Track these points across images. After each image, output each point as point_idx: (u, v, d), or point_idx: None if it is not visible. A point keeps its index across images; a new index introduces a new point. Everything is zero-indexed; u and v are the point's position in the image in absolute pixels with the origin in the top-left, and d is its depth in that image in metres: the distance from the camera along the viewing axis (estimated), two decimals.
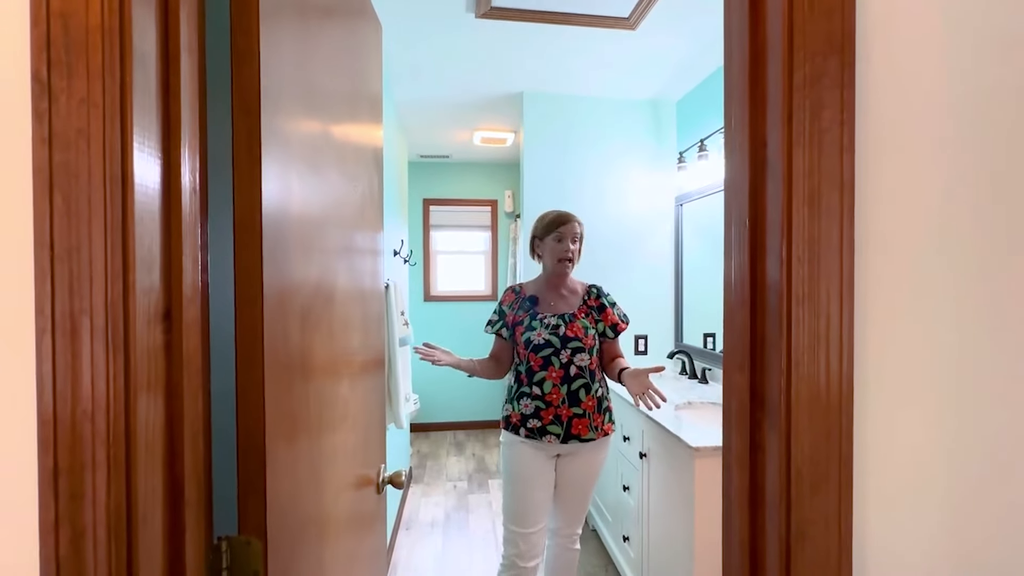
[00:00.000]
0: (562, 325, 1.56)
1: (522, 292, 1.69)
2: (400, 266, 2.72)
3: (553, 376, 1.53)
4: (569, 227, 1.60)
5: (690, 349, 2.48)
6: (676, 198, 2.64)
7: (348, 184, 0.89)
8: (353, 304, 0.90)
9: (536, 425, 1.52)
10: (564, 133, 2.59)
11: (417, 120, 3.06)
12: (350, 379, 0.88)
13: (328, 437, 0.77)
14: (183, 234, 0.46)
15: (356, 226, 0.95)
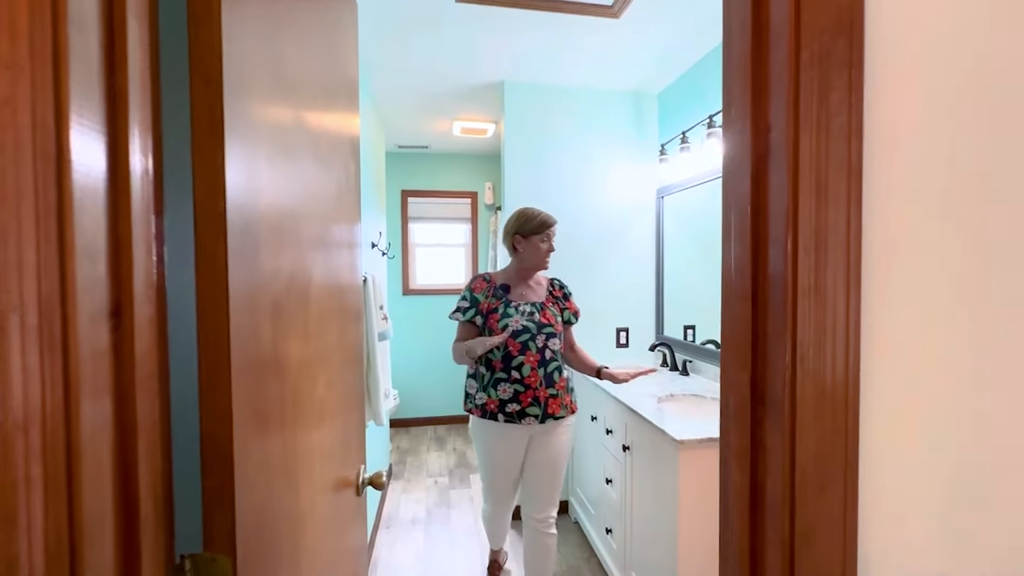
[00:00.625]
0: (536, 312, 1.67)
1: (492, 281, 1.74)
2: (378, 259, 2.65)
3: (531, 360, 1.61)
4: (554, 229, 1.72)
5: (671, 341, 2.49)
6: (657, 190, 2.64)
7: (324, 173, 0.84)
8: (330, 299, 0.85)
9: (515, 409, 1.60)
10: (546, 124, 2.55)
11: (395, 109, 2.98)
12: (327, 378, 0.83)
13: (304, 440, 0.73)
14: (133, 221, 0.41)
15: (332, 217, 0.90)
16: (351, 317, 1.02)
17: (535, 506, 1.71)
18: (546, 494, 1.71)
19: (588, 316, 2.61)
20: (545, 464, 1.68)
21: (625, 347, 2.67)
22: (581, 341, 2.58)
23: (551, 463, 1.69)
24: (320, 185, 0.82)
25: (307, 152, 0.76)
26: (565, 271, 2.57)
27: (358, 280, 1.10)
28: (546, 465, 1.68)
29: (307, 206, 0.76)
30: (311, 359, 0.76)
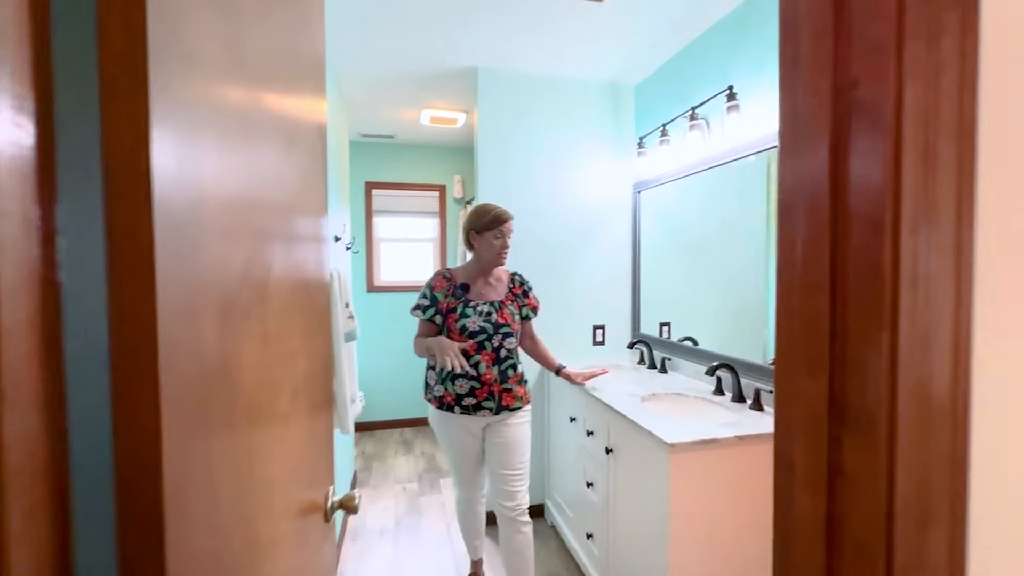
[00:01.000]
0: (493, 312, 1.71)
1: (453, 279, 1.76)
2: (342, 254, 2.47)
3: (487, 359, 1.68)
4: (508, 225, 1.73)
5: (649, 339, 2.45)
6: (634, 185, 2.59)
7: (288, 160, 0.71)
8: (294, 296, 0.72)
9: (472, 403, 1.68)
10: (521, 114, 2.45)
11: (359, 95, 2.79)
12: (291, 388, 0.70)
13: (263, 465, 0.59)
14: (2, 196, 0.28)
15: (297, 208, 0.76)
16: (319, 317, 0.88)
17: (502, 493, 1.74)
18: (510, 480, 1.73)
19: (564, 313, 2.54)
20: (503, 450, 1.72)
21: (601, 345, 2.62)
22: (558, 339, 2.53)
23: (509, 449, 1.72)
24: (283, 173, 0.69)
25: (268, 136, 0.63)
26: (541, 266, 2.49)
27: (325, 276, 0.96)
28: (504, 451, 1.72)
29: (268, 194, 0.63)
30: (272, 366, 0.62)
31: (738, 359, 1.82)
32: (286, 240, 0.70)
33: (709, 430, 1.43)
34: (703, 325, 2.19)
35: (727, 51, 1.86)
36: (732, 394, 1.75)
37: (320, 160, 0.97)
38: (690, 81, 2.10)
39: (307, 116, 0.86)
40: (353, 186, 3.77)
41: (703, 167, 2.01)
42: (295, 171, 0.76)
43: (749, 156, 1.79)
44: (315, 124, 0.93)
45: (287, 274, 0.69)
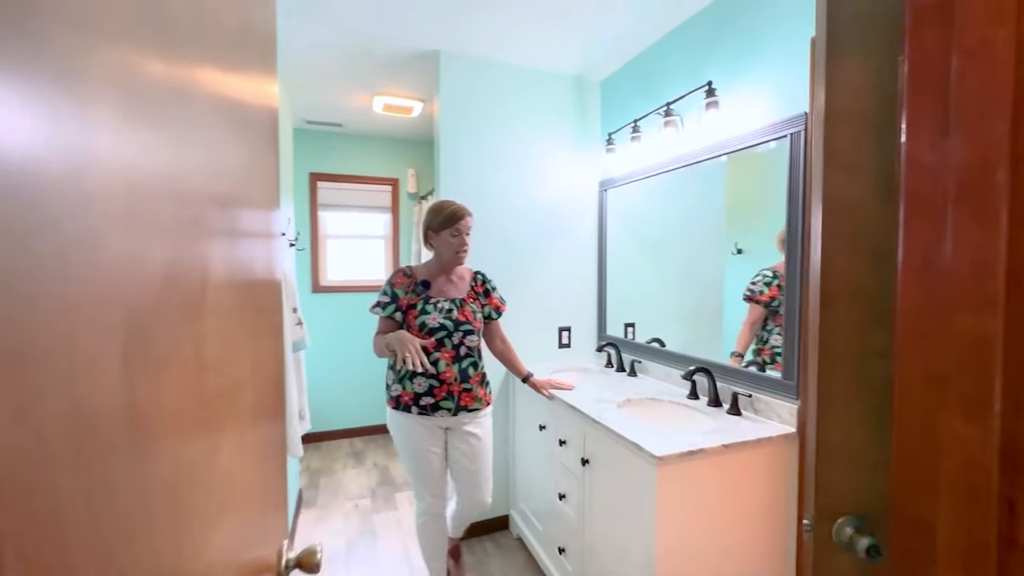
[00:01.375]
0: (454, 309, 1.68)
1: (413, 276, 1.72)
2: (286, 251, 2.22)
3: (447, 356, 1.64)
4: (465, 223, 1.68)
5: (617, 341, 2.39)
6: (600, 183, 2.53)
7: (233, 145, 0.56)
8: (240, 310, 0.55)
9: (429, 402, 1.63)
10: (485, 104, 2.31)
11: (302, 76, 2.53)
12: (237, 435, 0.53)
13: (191, 539, 0.43)
14: None
15: (245, 199, 0.60)
16: (271, 333, 0.71)
17: (466, 497, 1.78)
18: (474, 484, 1.76)
19: (529, 315, 2.43)
20: (467, 455, 1.73)
21: (567, 347, 2.53)
22: (523, 341, 2.41)
23: (473, 453, 1.73)
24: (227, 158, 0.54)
25: (207, 116, 0.48)
26: (505, 266, 2.36)
27: (276, 279, 0.79)
28: (468, 456, 1.73)
29: (205, 181, 0.46)
30: (209, 406, 0.46)
31: (714, 362, 1.78)
32: (230, 236, 0.53)
33: (694, 440, 1.37)
34: (668, 326, 2.16)
35: (703, 47, 1.82)
36: (708, 398, 1.71)
37: (271, 147, 0.81)
38: (662, 77, 2.05)
39: (256, 98, 0.70)
40: (296, 177, 3.46)
41: (673, 166, 1.97)
42: (241, 157, 0.60)
43: (721, 156, 1.76)
44: (265, 107, 0.77)
45: (231, 279, 0.52)
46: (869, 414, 0.81)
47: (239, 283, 0.55)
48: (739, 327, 1.74)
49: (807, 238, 1.41)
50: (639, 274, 2.34)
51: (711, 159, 1.79)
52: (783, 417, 1.49)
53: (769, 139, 1.55)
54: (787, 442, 1.46)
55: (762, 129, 1.56)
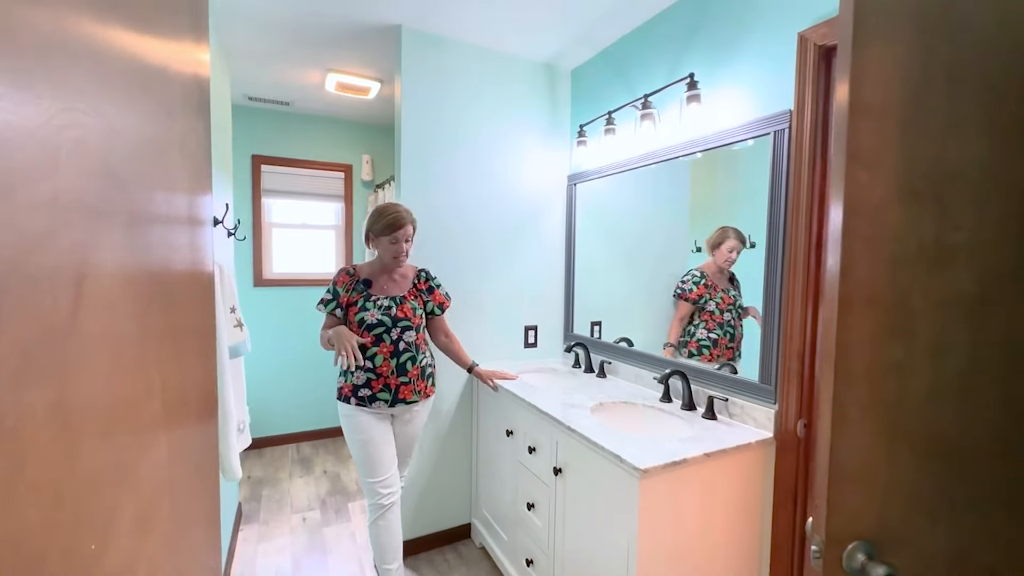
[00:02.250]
0: (393, 307, 1.75)
1: (356, 274, 1.80)
2: (223, 241, 1.98)
3: (384, 351, 1.72)
4: (404, 231, 1.74)
5: (586, 341, 2.32)
6: (569, 177, 2.44)
7: (139, 115, 0.40)
8: (142, 307, 0.40)
9: (367, 394, 1.72)
10: (449, 87, 2.15)
11: (244, 45, 2.27)
12: (136, 444, 0.37)
13: None
14: None
15: (151, 179, 0.44)
16: (191, 333, 0.55)
17: (396, 476, 1.83)
18: (401, 462, 1.90)
19: (494, 313, 2.32)
20: (402, 438, 1.86)
21: (534, 347, 2.44)
22: (488, 340, 2.29)
23: (408, 438, 1.88)
24: (130, 128, 0.38)
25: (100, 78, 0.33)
26: (469, 261, 2.23)
27: (203, 272, 0.62)
28: (403, 439, 1.86)
29: (83, 153, 0.31)
30: (80, 419, 0.31)
31: (689, 364, 1.74)
32: (128, 221, 0.37)
33: (674, 449, 1.31)
34: (636, 325, 2.11)
35: (682, 39, 1.76)
36: (682, 402, 1.67)
37: (197, 122, 0.64)
38: (638, 68, 1.97)
39: (178, 64, 0.54)
40: (236, 159, 3.14)
41: (647, 161, 1.91)
42: (149, 130, 0.44)
43: (697, 153, 1.71)
44: (191, 76, 0.62)
45: (127, 271, 0.37)
46: (883, 431, 0.76)
47: (141, 276, 0.40)
48: None
49: (792, 238, 1.38)
50: (607, 272, 2.28)
51: (686, 155, 1.74)
52: (759, 421, 1.46)
53: (750, 136, 1.50)
54: (764, 447, 1.43)
55: (744, 126, 1.51)
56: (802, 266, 1.36)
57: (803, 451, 1.39)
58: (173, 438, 0.45)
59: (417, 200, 2.10)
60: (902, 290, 0.74)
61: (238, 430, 1.38)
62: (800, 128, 1.35)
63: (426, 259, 2.12)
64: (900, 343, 0.74)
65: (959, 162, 0.76)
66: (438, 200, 2.15)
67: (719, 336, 1.67)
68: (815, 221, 1.35)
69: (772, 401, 1.44)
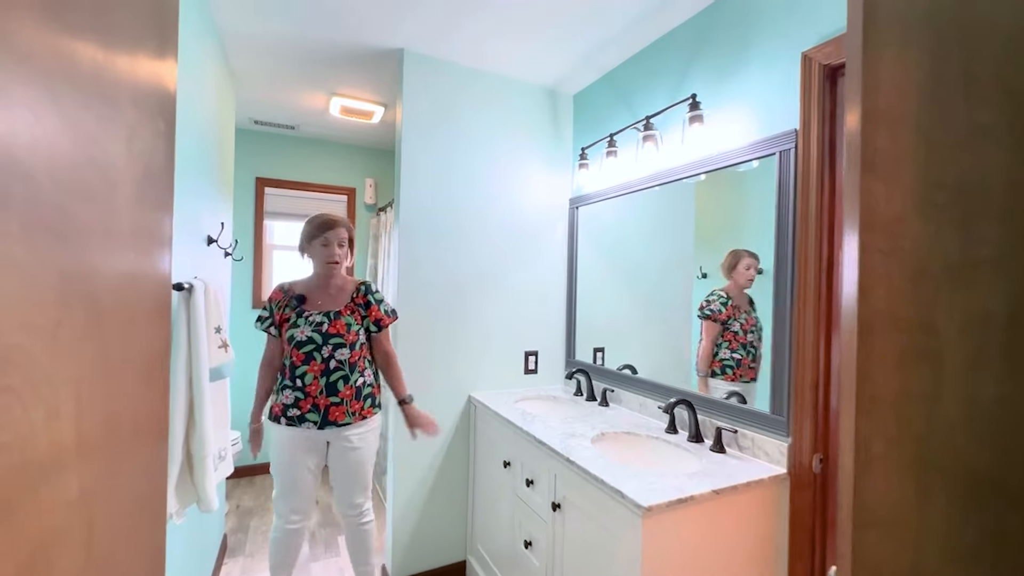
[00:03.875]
0: (326, 322, 1.67)
1: (291, 291, 1.74)
2: (218, 261, 1.95)
3: (314, 369, 1.64)
4: (335, 232, 1.70)
5: (588, 368, 2.24)
6: (571, 200, 2.41)
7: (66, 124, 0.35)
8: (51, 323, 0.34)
9: (296, 414, 1.64)
10: (450, 110, 2.15)
11: (251, 68, 2.30)
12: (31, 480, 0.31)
13: None
14: None
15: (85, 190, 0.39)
16: (132, 358, 0.49)
17: (342, 502, 1.77)
18: (347, 489, 1.74)
19: (494, 338, 2.25)
20: (340, 463, 1.72)
21: (534, 373, 2.36)
22: (486, 367, 2.22)
23: (348, 466, 1.72)
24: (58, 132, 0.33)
25: None
26: (469, 285, 2.18)
27: (160, 294, 0.57)
28: (341, 464, 1.72)
29: None
30: None
31: (694, 393, 1.66)
32: (61, 236, 0.33)
33: (680, 485, 1.22)
34: (639, 351, 2.04)
35: (685, 61, 1.75)
36: (688, 433, 1.58)
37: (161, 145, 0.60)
38: (640, 90, 1.97)
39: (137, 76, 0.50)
40: (240, 181, 3.16)
41: (649, 184, 1.88)
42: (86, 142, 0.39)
43: (700, 175, 1.67)
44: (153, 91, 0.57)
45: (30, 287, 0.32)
46: (913, 467, 0.68)
47: (51, 292, 0.34)
48: None
49: (802, 262, 1.32)
50: (610, 296, 2.22)
51: (690, 177, 1.71)
52: (772, 455, 1.37)
53: (754, 157, 1.47)
54: (777, 484, 1.33)
55: (749, 146, 1.48)
56: (813, 291, 1.29)
57: (820, 488, 1.29)
58: (91, 471, 0.39)
59: (417, 221, 2.08)
60: (926, 309, 0.67)
61: (218, 457, 1.30)
62: (807, 148, 1.31)
63: (424, 282, 2.08)
64: (927, 367, 0.68)
65: (980, 172, 0.70)
66: (437, 221, 2.12)
67: (742, 356, 1.60)
68: (825, 244, 1.30)
69: (785, 434, 1.35)
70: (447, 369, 2.14)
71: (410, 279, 2.06)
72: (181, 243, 1.35)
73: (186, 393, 1.14)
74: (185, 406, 1.14)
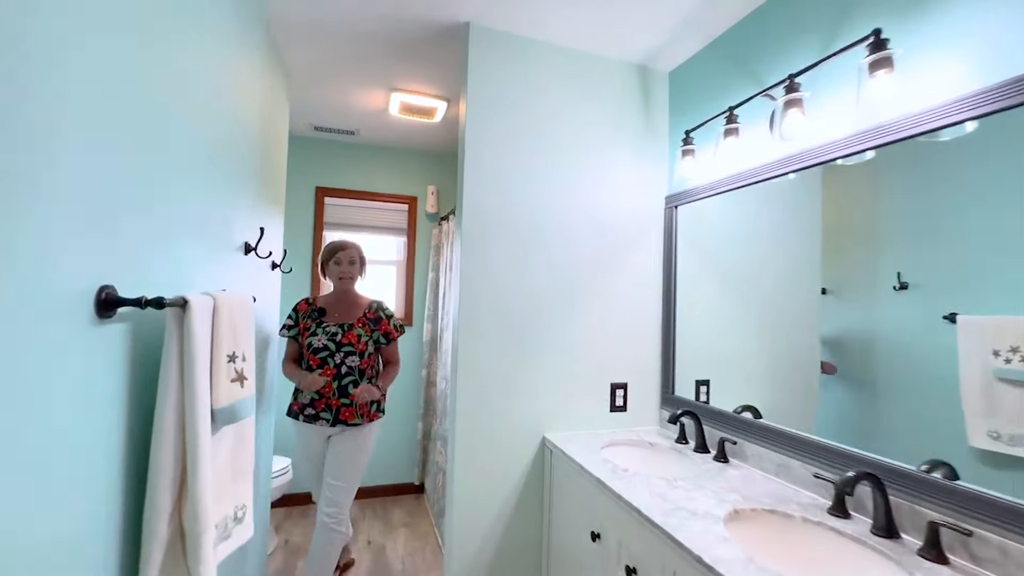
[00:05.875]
0: (340, 332, 1.92)
1: (314, 303, 2.01)
2: (259, 271, 1.71)
3: (328, 373, 1.88)
4: (345, 253, 2.01)
5: (691, 407, 1.76)
6: (667, 198, 1.97)
7: None
8: None
9: (311, 413, 1.88)
10: (521, 96, 1.80)
11: (305, 60, 2.10)
12: None
13: None
14: None
15: None
16: None
17: (324, 500, 1.90)
18: (335, 490, 1.90)
19: (572, 368, 1.84)
20: (337, 461, 1.90)
21: (622, 411, 1.91)
22: (563, 403, 1.81)
23: (342, 461, 1.90)
24: None
25: None
26: (542, 304, 1.80)
27: None
28: (337, 462, 1.90)
29: None
30: None
31: (887, 464, 1.14)
32: None
33: None
34: (759, 388, 1.55)
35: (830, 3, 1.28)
36: (875, 522, 1.07)
37: None
38: (768, 50, 1.50)
39: None
40: (300, 191, 3.03)
41: (781, 169, 1.41)
42: None
43: (867, 151, 1.19)
44: None
45: None
46: None
47: None
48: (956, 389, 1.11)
49: None
50: (717, 317, 1.75)
51: (852, 155, 1.22)
52: None
53: (970, 115, 0.97)
54: None
55: (957, 103, 0.99)
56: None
57: None
58: None
59: (480, 227, 1.73)
60: None
61: (225, 529, 1.00)
62: None
63: (488, 299, 1.72)
64: None
65: None
66: (504, 227, 1.77)
67: None
68: None
69: None
70: (516, 404, 1.76)
71: (472, 296, 1.71)
72: (194, 247, 1.09)
73: (175, 446, 0.84)
74: (175, 464, 0.84)
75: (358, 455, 1.92)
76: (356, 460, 1.92)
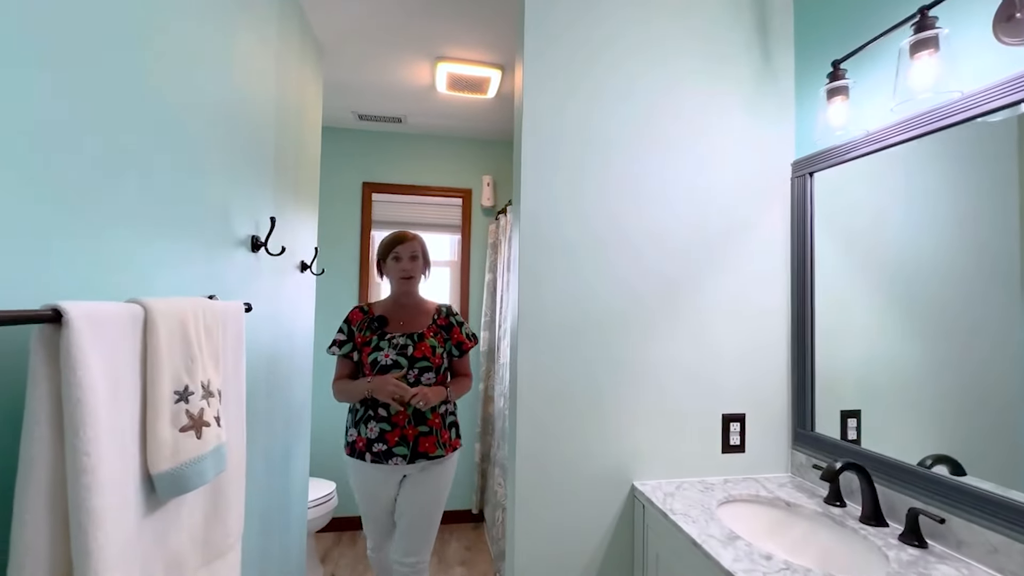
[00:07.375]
0: (410, 345, 1.57)
1: (371, 312, 1.65)
2: (279, 273, 1.42)
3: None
4: (405, 246, 1.63)
5: (849, 453, 1.24)
6: (795, 164, 1.46)
7: None
8: None
9: (382, 449, 1.51)
10: (591, 52, 1.38)
11: (340, 26, 1.81)
12: None
13: None
14: None
15: None
16: None
17: (400, 549, 1.58)
18: (414, 537, 1.57)
19: (668, 393, 1.38)
20: (415, 505, 1.56)
21: (738, 451, 1.42)
22: (659, 436, 1.35)
23: (422, 505, 1.57)
24: None
25: None
26: (625, 311, 1.36)
27: None
28: (416, 506, 1.56)
29: None
30: None
31: None
32: None
33: None
34: (950, 427, 1.02)
35: None
36: None
37: None
38: None
39: None
40: (346, 188, 2.80)
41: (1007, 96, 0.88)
42: None
43: None
44: None
45: None
46: None
47: None
48: None
49: None
50: (868, 326, 1.22)
51: None
52: None
53: None
54: None
55: None
56: None
57: None
58: None
59: (544, 219, 1.33)
60: None
61: None
62: None
63: (553, 307, 1.32)
64: None
65: None
66: (573, 224, 1.35)
67: None
68: None
69: None
70: (594, 441, 1.34)
71: (533, 302, 1.32)
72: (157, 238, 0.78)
73: (49, 548, 0.51)
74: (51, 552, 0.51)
75: (440, 495, 1.60)
76: (439, 501, 1.60)
